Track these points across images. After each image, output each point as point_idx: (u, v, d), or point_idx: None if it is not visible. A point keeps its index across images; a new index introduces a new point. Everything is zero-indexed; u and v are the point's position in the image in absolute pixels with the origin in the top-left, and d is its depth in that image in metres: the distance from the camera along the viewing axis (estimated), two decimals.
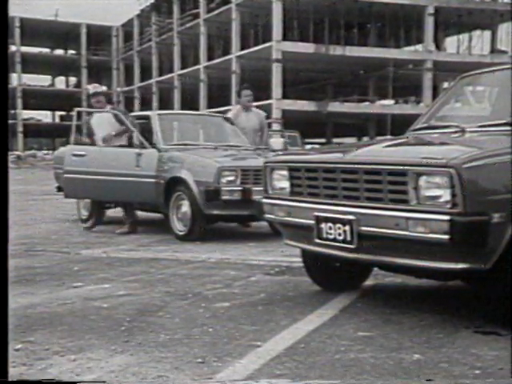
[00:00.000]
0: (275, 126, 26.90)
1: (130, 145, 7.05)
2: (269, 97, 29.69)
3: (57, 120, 61.51)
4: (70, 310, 3.52)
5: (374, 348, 2.77)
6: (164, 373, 2.48)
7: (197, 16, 37.03)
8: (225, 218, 6.60)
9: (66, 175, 7.27)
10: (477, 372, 2.46)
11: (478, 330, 3.02)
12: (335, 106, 30.34)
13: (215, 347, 2.79)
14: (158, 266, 4.93)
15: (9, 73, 2.07)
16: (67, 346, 2.82)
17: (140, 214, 8.00)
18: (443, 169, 2.83)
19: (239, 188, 6.21)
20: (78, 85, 54.79)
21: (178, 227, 6.56)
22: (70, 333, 3.04)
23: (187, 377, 2.44)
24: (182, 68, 39.32)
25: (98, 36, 51.81)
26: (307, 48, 29.32)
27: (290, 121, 27.97)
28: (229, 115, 7.90)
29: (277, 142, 7.98)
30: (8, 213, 2.02)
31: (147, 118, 7.52)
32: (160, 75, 42.93)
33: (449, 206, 2.81)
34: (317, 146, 21.73)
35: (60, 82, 61.51)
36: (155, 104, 42.02)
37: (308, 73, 33.08)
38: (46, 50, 57.14)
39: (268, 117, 8.21)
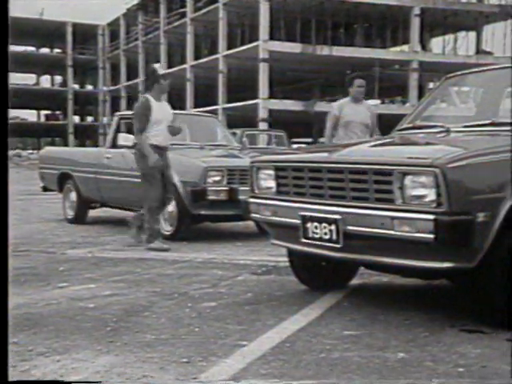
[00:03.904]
0: (262, 126, 26.94)
1: None
2: (256, 96, 29.69)
3: (42, 119, 61.11)
4: (55, 310, 3.50)
5: (360, 347, 2.78)
6: (149, 373, 2.47)
7: (183, 15, 36.94)
8: (211, 217, 6.59)
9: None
10: (460, 370, 2.48)
11: (463, 329, 3.04)
12: (322, 106, 30.35)
13: (201, 347, 2.79)
14: (144, 266, 4.92)
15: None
16: (52, 346, 2.80)
17: (126, 213, 7.98)
18: (428, 168, 2.85)
19: (225, 188, 6.20)
20: (64, 84, 54.44)
21: (165, 227, 6.53)
22: (55, 333, 3.02)
23: (172, 377, 2.43)
24: (169, 67, 39.20)
25: (84, 35, 51.50)
26: (294, 48, 29.31)
27: (276, 120, 28.00)
28: (333, 106, 6.68)
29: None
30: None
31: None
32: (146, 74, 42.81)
33: (434, 205, 2.83)
34: (303, 146, 21.77)
35: (45, 81, 61.12)
36: None
37: (295, 72, 33.07)
38: (31, 49, 56.73)
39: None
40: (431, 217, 2.80)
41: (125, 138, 7.06)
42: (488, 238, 2.86)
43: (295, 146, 21.21)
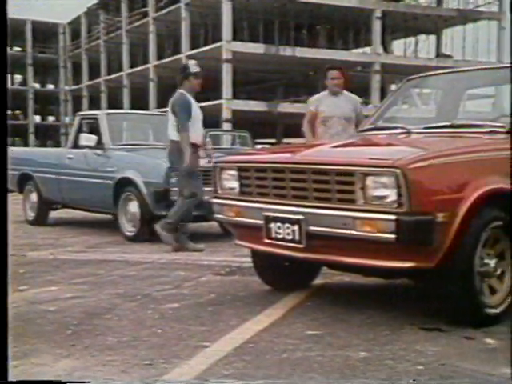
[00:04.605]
0: (225, 126, 26.91)
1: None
2: (219, 97, 29.65)
3: None
4: (14, 314, 3.42)
5: (322, 346, 2.80)
6: (110, 376, 2.44)
7: (146, 15, 36.65)
8: None
9: None
10: (420, 368, 2.51)
11: (422, 327, 3.09)
12: (285, 107, 30.47)
13: (163, 349, 2.77)
14: (106, 268, 4.86)
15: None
16: (11, 351, 2.74)
17: (88, 214, 7.88)
18: (389, 169, 2.89)
19: None
20: (24, 83, 53.45)
21: (127, 228, 6.48)
22: (14, 338, 2.94)
23: (134, 379, 2.41)
24: (132, 67, 38.84)
25: (45, 33, 50.65)
26: (257, 48, 29.35)
27: (240, 121, 27.99)
28: (310, 102, 6.01)
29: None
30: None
31: (95, 117, 7.41)
32: (109, 74, 42.30)
33: (395, 205, 2.87)
34: (267, 146, 21.80)
35: None
36: (104, 103, 41.39)
37: (258, 73, 33.14)
38: None
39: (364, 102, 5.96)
40: (392, 217, 2.83)
41: (87, 138, 6.98)
42: (448, 237, 2.91)
43: (259, 146, 21.24)
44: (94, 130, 7.22)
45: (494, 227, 3.09)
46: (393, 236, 2.83)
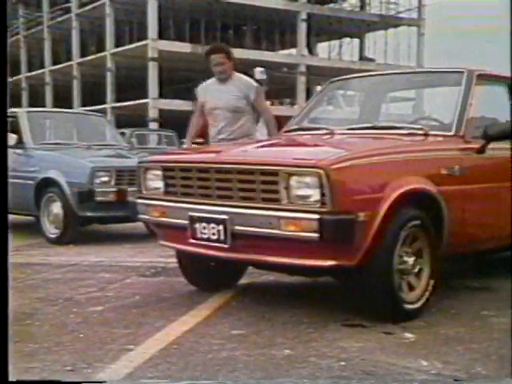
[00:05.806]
0: (152, 126, 26.63)
1: None
2: (145, 96, 29.29)
3: None
4: None
5: (247, 346, 2.82)
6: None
7: (68, 10, 35.72)
8: (99, 219, 6.44)
9: None
10: (342, 364, 2.57)
11: (345, 323, 3.16)
12: None
13: (86, 353, 2.71)
14: (28, 272, 4.71)
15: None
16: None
17: (8, 216, 7.61)
18: (313, 169, 2.94)
19: (114, 189, 6.09)
20: None
21: (50, 230, 6.31)
22: None
23: None
24: (54, 64, 37.79)
25: None
26: (183, 47, 29.19)
27: (167, 120, 27.75)
28: (197, 92, 5.25)
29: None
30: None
31: (14, 115, 7.16)
32: (30, 71, 40.99)
33: (318, 205, 2.92)
34: (195, 146, 21.69)
35: None
36: (25, 101, 40.06)
37: (185, 72, 32.96)
38: None
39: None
40: (316, 216, 2.88)
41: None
42: (368, 236, 2.99)
43: (185, 146, 21.10)
44: (14, 128, 6.97)
45: (412, 226, 3.20)
46: (316, 235, 2.88)
